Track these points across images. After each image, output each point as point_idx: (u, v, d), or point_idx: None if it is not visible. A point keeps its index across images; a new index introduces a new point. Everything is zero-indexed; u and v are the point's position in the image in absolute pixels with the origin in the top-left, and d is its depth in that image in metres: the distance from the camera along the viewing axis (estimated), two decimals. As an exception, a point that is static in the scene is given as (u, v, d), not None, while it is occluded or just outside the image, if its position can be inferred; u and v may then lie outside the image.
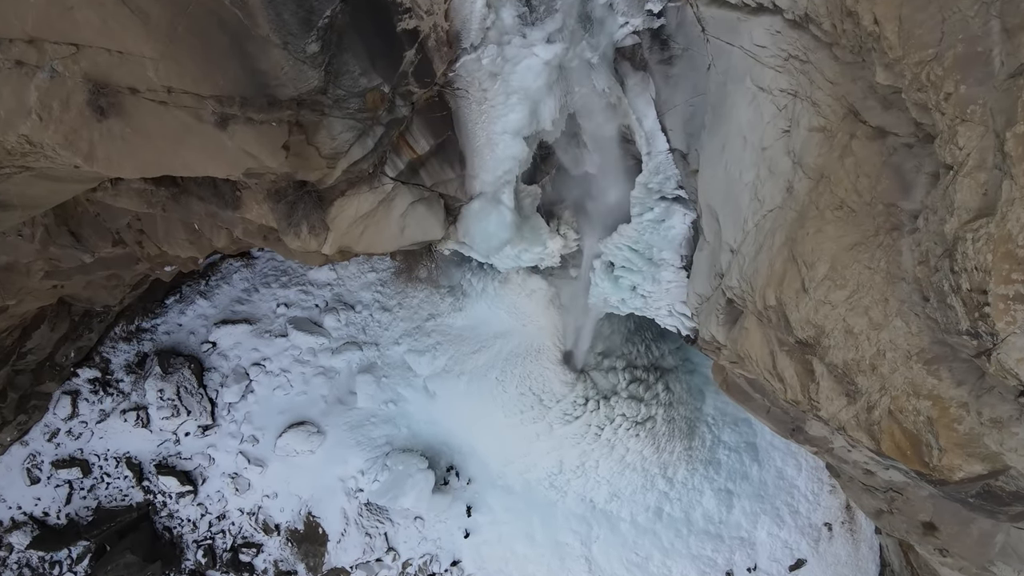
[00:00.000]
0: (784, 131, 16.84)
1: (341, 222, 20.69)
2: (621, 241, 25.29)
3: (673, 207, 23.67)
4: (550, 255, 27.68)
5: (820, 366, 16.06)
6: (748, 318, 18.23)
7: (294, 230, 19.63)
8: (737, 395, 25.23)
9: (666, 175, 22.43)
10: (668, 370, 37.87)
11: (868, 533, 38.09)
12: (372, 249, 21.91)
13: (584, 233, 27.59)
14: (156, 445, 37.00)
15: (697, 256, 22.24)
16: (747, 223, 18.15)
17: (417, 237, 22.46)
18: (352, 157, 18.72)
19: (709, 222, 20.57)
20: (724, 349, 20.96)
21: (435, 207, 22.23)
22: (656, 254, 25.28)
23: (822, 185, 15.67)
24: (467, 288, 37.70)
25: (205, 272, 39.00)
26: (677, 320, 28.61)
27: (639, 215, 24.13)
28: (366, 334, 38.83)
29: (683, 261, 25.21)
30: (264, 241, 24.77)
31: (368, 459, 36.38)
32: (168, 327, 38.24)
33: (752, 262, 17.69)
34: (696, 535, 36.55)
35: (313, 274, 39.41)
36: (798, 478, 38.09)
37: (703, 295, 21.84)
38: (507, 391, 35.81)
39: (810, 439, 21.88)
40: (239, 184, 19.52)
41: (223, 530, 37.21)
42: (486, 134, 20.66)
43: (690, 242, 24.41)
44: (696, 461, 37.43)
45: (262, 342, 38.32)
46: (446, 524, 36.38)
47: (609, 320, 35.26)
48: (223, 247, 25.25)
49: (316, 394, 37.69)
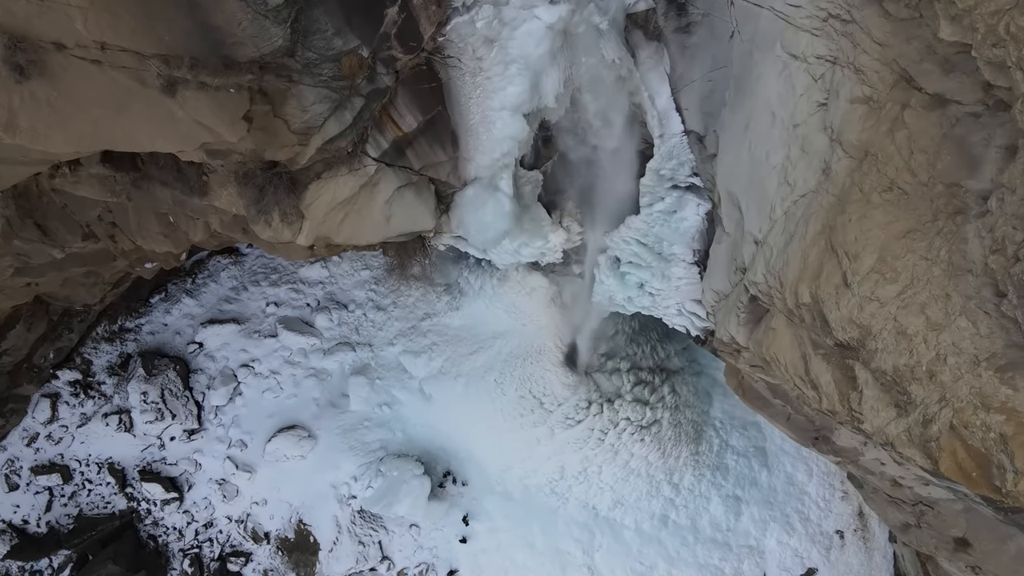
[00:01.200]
0: (820, 104, 14.47)
1: (317, 209, 18.19)
2: (629, 234, 22.89)
3: (686, 197, 21.28)
4: (552, 250, 25.29)
5: (864, 372, 13.69)
6: (775, 317, 15.87)
7: (264, 218, 17.21)
8: (754, 401, 22.95)
9: (680, 160, 20.02)
10: (674, 372, 35.70)
11: (882, 541, 36.00)
12: (355, 240, 19.43)
13: (588, 226, 25.15)
14: (140, 450, 34.88)
15: (714, 249, 19.82)
16: (775, 210, 15.78)
17: (405, 227, 19.93)
18: (327, 133, 16.23)
19: (729, 211, 18.20)
20: (744, 352, 18.61)
21: (424, 194, 19.71)
22: (666, 248, 22.91)
23: (867, 164, 13.30)
24: (464, 286, 35.48)
25: (192, 270, 36.73)
26: (686, 320, 26.30)
27: (649, 206, 21.75)
28: (359, 334, 36.73)
29: (695, 256, 22.85)
30: (243, 235, 22.40)
31: (361, 464, 34.43)
32: (153, 327, 36.01)
33: (781, 254, 15.33)
34: (703, 543, 34.49)
35: (304, 272, 37.22)
36: (809, 484, 35.96)
37: (721, 292, 19.46)
38: (506, 394, 33.83)
39: (837, 450, 19.57)
40: (205, 167, 17.14)
41: (210, 538, 35.22)
42: (481, 110, 18.21)
43: (703, 235, 22.05)
44: (703, 466, 35.32)
45: (251, 343, 36.21)
46: (443, 532, 34.41)
47: (613, 320, 33.07)
48: (201, 241, 22.91)
49: (307, 397, 35.68)
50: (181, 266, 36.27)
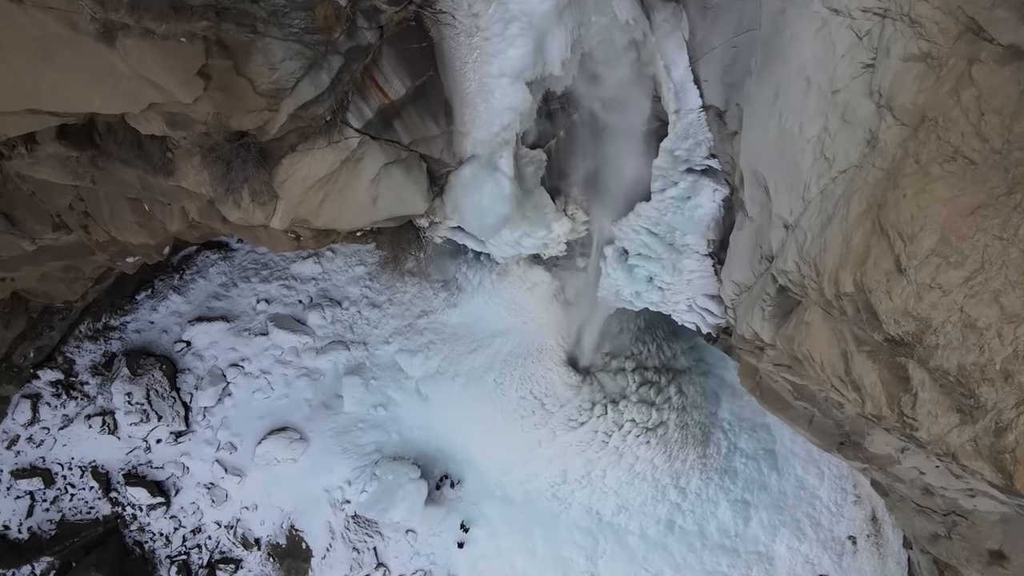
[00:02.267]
0: (866, 65, 12.39)
1: (293, 187, 15.96)
2: (638, 223, 20.80)
3: (701, 182, 19.18)
4: (555, 240, 23.20)
5: (920, 372, 11.61)
6: (810, 310, 13.78)
7: (232, 197, 15.07)
8: (773, 403, 20.91)
9: (696, 140, 17.90)
10: (681, 372, 33.74)
11: (896, 547, 34.08)
12: (337, 224, 17.23)
13: (595, 215, 23.03)
14: (125, 453, 32.90)
15: (735, 237, 17.69)
16: (809, 190, 13.70)
17: (394, 210, 17.68)
18: (301, 97, 14.01)
19: (754, 193, 16.11)
20: (769, 350, 16.54)
21: (415, 172, 17.45)
22: (678, 239, 20.81)
23: (924, 132, 11.22)
24: (462, 282, 33.47)
25: (179, 265, 34.71)
26: (697, 316, 24.27)
27: (661, 191, 19.65)
28: (353, 332, 34.76)
29: (710, 247, 20.78)
30: (223, 224, 20.31)
31: (355, 468, 32.54)
32: (138, 325, 33.97)
33: (817, 238, 13.25)
34: (710, 549, 32.63)
35: (297, 267, 35.23)
36: (820, 488, 34.07)
37: (743, 284, 17.35)
38: (506, 394, 31.88)
39: (868, 457, 17.51)
40: (169, 142, 15.01)
41: (199, 545, 33.24)
42: (478, 77, 16.00)
43: (719, 224, 19.97)
44: (711, 470, 33.44)
45: (240, 341, 34.21)
46: (440, 538, 32.51)
47: (618, 317, 31.09)
48: (179, 232, 20.85)
49: (299, 397, 33.74)
50: (168, 262, 34.36)
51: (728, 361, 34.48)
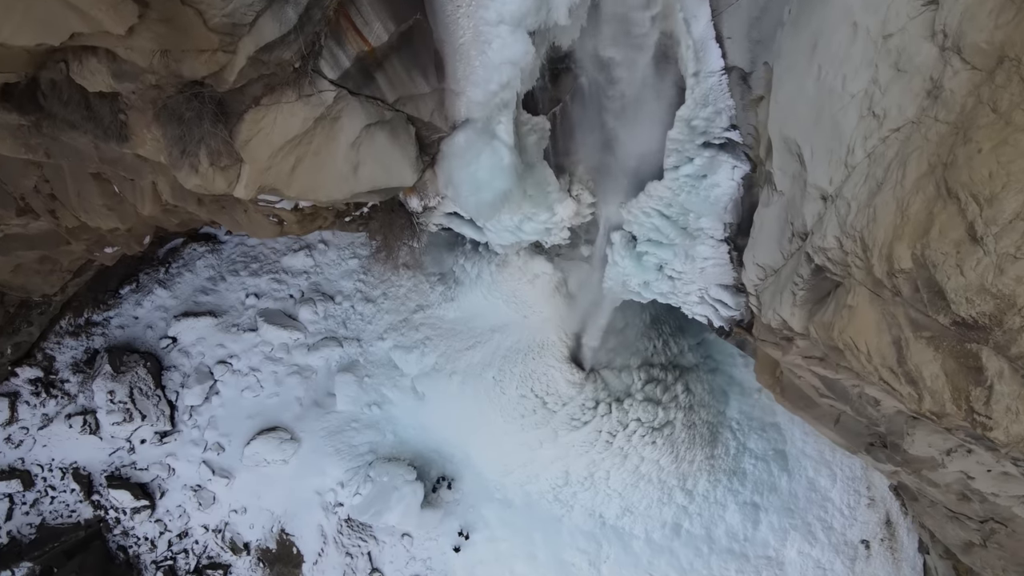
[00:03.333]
0: (927, 2, 10.36)
1: (258, 149, 13.75)
2: (649, 204, 18.72)
3: (719, 158, 17.09)
4: (558, 225, 21.14)
5: (997, 361, 9.56)
6: (853, 292, 11.71)
7: (188, 160, 12.96)
8: (795, 400, 18.86)
9: (716, 108, 15.82)
10: (688, 369, 31.72)
11: (910, 552, 32.17)
12: (313, 195, 15.05)
13: (602, 196, 20.97)
14: (107, 454, 30.87)
15: (760, 215, 15.60)
16: (853, 154, 11.65)
17: (379, 181, 15.42)
18: (263, 36, 11.79)
19: (784, 163, 14.04)
20: (798, 340, 14.49)
21: (402, 137, 15.22)
22: (692, 222, 18.74)
23: (1002, 74, 9.16)
24: (460, 275, 31.44)
25: (165, 259, 32.64)
26: (709, 308, 22.23)
27: (674, 168, 17.56)
28: (347, 328, 32.77)
29: (726, 231, 18.72)
30: (200, 207, 18.28)
31: (349, 469, 30.69)
32: (122, 320, 31.91)
33: (864, 209, 11.18)
34: (718, 554, 30.79)
35: (287, 261, 33.20)
36: (832, 490, 32.11)
37: (769, 266, 15.28)
38: (506, 392, 29.89)
39: (907, 459, 15.45)
40: (121, 102, 12.95)
41: (185, 549, 31.27)
42: (473, 24, 13.83)
43: (737, 205, 17.91)
44: (719, 471, 31.49)
45: (229, 337, 32.22)
46: (437, 542, 30.67)
47: (622, 311, 29.04)
48: (152, 215, 18.84)
49: (290, 396, 31.81)
50: (153, 255, 32.32)
51: (737, 358, 32.64)
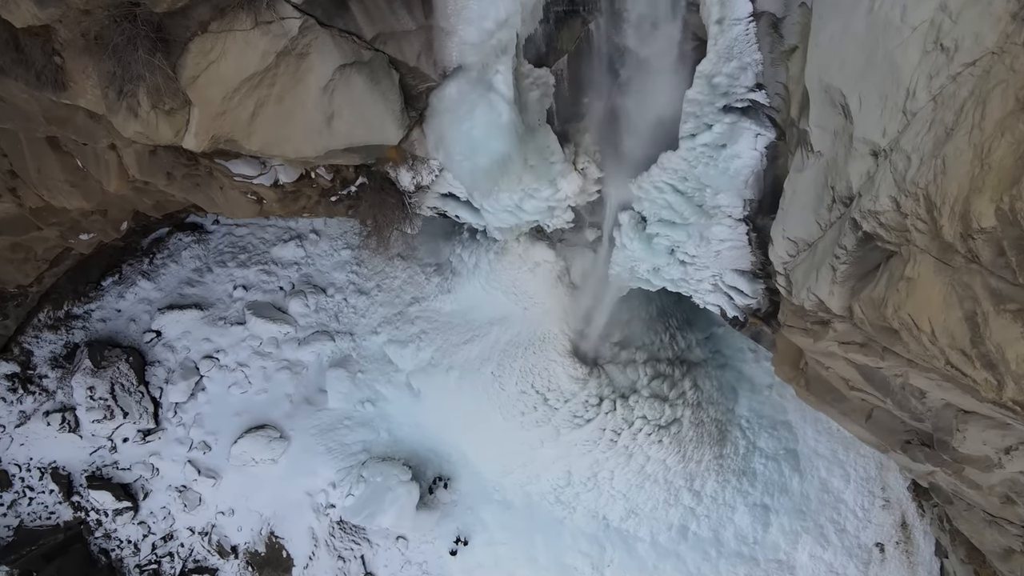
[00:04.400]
0: (1011, -93, 8.46)
1: (209, 88, 11.67)
2: (662, 178, 16.72)
3: (741, 124, 15.14)
4: (562, 203, 19.17)
5: (1108, 339, 7.67)
6: (914, 261, 9.77)
7: (127, 102, 10.99)
8: (821, 394, 16.93)
9: (742, 62, 13.84)
10: (696, 364, 29.83)
11: (927, 555, 30.36)
12: (279, 149, 12.98)
13: (610, 170, 18.98)
14: (88, 453, 29.01)
15: (792, 182, 13.58)
16: (914, 97, 9.73)
17: (357, 137, 13.35)
18: None
19: (824, 118, 12.07)
20: (837, 323, 12.56)
21: (383, 84, 13.11)
22: (709, 199, 16.78)
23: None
24: (457, 265, 29.52)
25: (149, 249, 30.72)
26: (722, 297, 20.34)
27: (691, 137, 15.60)
28: (339, 322, 30.88)
29: (746, 209, 16.77)
30: (170, 182, 16.35)
31: (341, 469, 28.89)
32: (104, 313, 30.01)
33: (929, 161, 9.26)
34: (727, 558, 29.01)
35: (277, 251, 31.30)
36: (845, 491, 30.27)
37: (802, 240, 13.29)
38: (505, 388, 27.92)
39: (959, 458, 13.50)
40: (55, 41, 10.99)
41: (170, 553, 29.43)
42: None
43: (760, 180, 15.97)
44: (728, 471, 29.59)
45: (215, 331, 30.32)
46: (433, 545, 28.89)
47: (628, 302, 27.15)
48: (119, 191, 16.95)
49: (279, 392, 29.95)
50: (137, 245, 30.42)
51: (747, 353, 30.80)
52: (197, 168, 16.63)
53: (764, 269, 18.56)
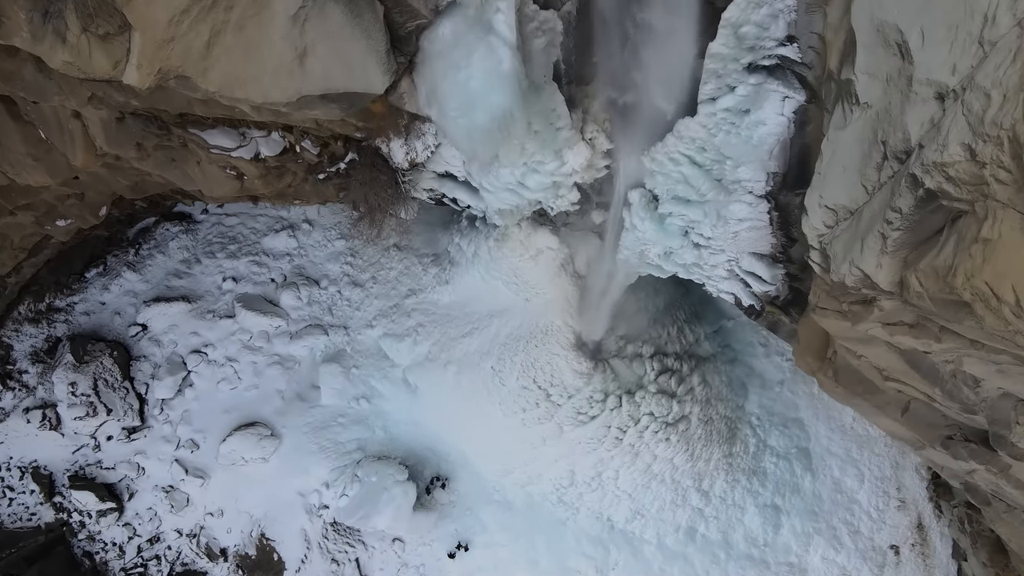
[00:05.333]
0: None
1: (151, 8, 9.90)
2: (679, 148, 15.07)
3: (767, 86, 13.50)
4: (567, 179, 17.54)
5: None
6: (993, 219, 8.11)
7: (53, 25, 9.30)
8: (850, 386, 15.30)
9: (772, 9, 12.16)
10: (704, 359, 28.28)
11: (944, 558, 28.91)
12: (242, 90, 11.16)
13: (620, 142, 17.32)
14: (70, 452, 27.47)
15: (831, 141, 11.80)
16: (993, 24, 8.12)
17: (336, 80, 11.51)
18: None
19: (875, 63, 10.37)
20: (884, 300, 10.93)
21: (366, 17, 11.23)
22: (729, 172, 15.13)
23: None
24: (455, 255, 27.94)
25: (135, 239, 29.12)
26: (737, 284, 18.75)
27: (712, 101, 13.97)
28: (333, 315, 29.31)
29: (769, 183, 15.14)
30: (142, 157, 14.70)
31: (334, 469, 27.46)
32: (88, 306, 28.41)
33: (1016, 96, 7.62)
34: (736, 560, 27.63)
35: (268, 242, 29.74)
36: (859, 491, 28.74)
37: (843, 206, 11.57)
38: (506, 384, 26.37)
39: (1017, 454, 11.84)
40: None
41: (157, 556, 27.89)
42: None
43: (785, 149, 14.33)
44: (737, 471, 28.08)
45: (204, 324, 28.75)
46: (431, 547, 27.48)
47: (635, 293, 25.61)
48: (86, 165, 15.29)
49: (270, 388, 28.42)
50: (123, 235, 28.82)
51: (757, 348, 29.25)
52: (170, 138, 15.00)
53: (785, 252, 16.95)
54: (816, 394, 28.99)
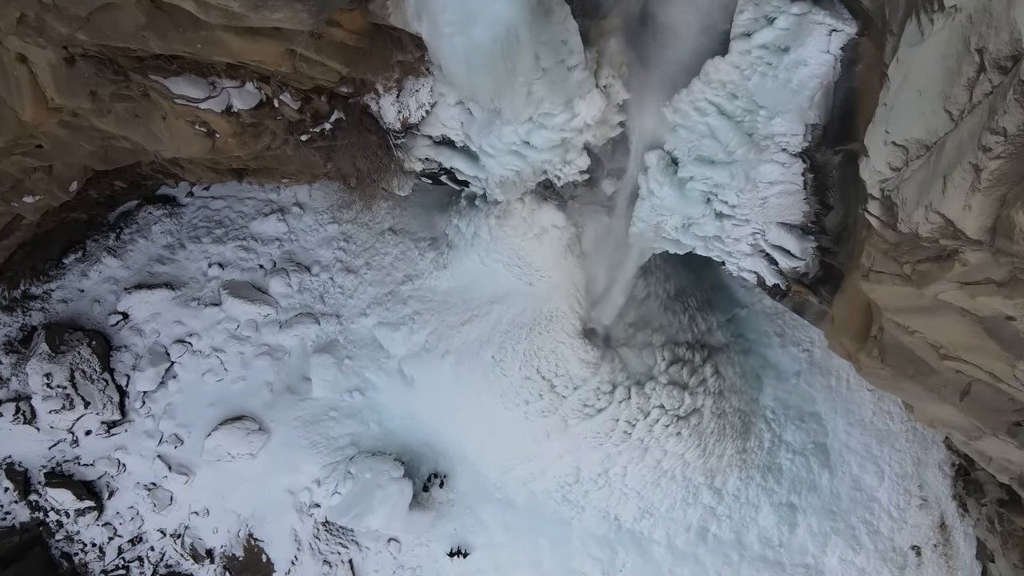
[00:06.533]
0: None
1: None
2: (706, 95, 13.03)
3: (812, 17, 11.43)
4: (577, 135, 15.47)
5: None
6: None
7: None
8: (899, 367, 13.28)
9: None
10: (717, 349, 26.35)
11: (968, 559, 27.14)
12: None
13: (637, 94, 15.29)
14: (47, 447, 25.51)
15: (902, 62, 9.64)
16: None
17: None
18: None
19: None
20: (970, 251, 8.88)
21: None
22: (762, 124, 13.09)
23: None
24: (453, 238, 25.96)
25: (116, 223, 27.15)
26: (760, 262, 16.80)
27: (746, 37, 11.94)
28: (324, 303, 27.33)
29: (806, 138, 13.10)
30: (99, 111, 12.70)
31: (326, 465, 25.57)
32: (65, 293, 26.46)
33: None
34: (750, 562, 25.90)
35: (257, 226, 27.81)
36: (879, 489, 26.87)
37: (918, 140, 9.48)
38: (507, 374, 24.34)
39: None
40: None
41: (140, 557, 25.95)
42: None
43: (828, 95, 12.30)
44: (751, 467, 26.20)
45: (188, 312, 26.76)
46: (428, 548, 25.72)
47: (644, 278, 23.65)
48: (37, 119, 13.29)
49: (258, 380, 26.47)
50: (103, 219, 26.91)
51: (772, 338, 27.39)
52: (128, 85, 13.06)
53: (818, 222, 14.95)
54: (834, 387, 27.14)
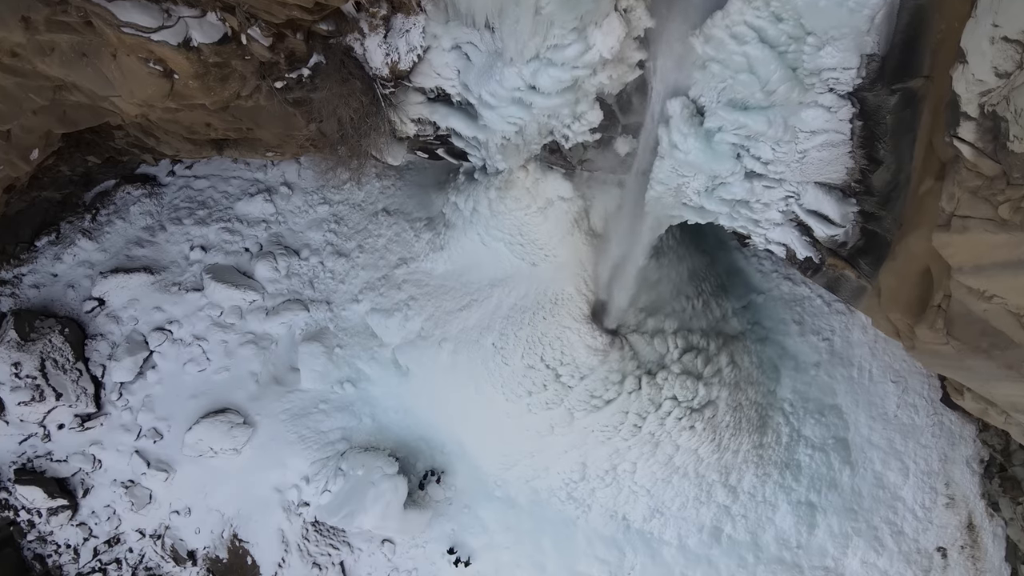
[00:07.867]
0: None
1: None
2: (745, 17, 10.80)
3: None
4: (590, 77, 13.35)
5: None
6: None
7: None
8: (970, 340, 11.29)
9: None
10: (732, 337, 24.51)
11: (996, 560, 25.35)
12: None
13: (662, 22, 13.13)
14: (16, 442, 23.78)
15: None
16: None
17: None
18: None
19: None
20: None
21: None
22: (808, 56, 10.96)
23: None
24: (451, 216, 24.04)
25: (92, 204, 25.26)
26: (791, 233, 14.78)
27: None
28: (314, 288, 25.55)
29: (860, 73, 11.00)
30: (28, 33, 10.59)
31: (316, 461, 23.96)
32: (37, 278, 24.65)
33: None
34: (766, 564, 24.31)
35: (242, 207, 25.97)
36: (903, 487, 25.09)
37: None
38: (509, 363, 22.51)
39: None
40: None
41: (117, 559, 24.22)
42: None
43: (891, 17, 10.20)
44: (768, 464, 24.46)
45: (168, 298, 24.97)
46: (424, 549, 24.15)
47: (656, 260, 21.66)
48: None
49: (243, 371, 24.77)
50: (79, 200, 24.97)
51: (790, 325, 25.50)
52: (66, 9, 10.98)
53: (863, 180, 12.83)
54: (856, 378, 25.31)
